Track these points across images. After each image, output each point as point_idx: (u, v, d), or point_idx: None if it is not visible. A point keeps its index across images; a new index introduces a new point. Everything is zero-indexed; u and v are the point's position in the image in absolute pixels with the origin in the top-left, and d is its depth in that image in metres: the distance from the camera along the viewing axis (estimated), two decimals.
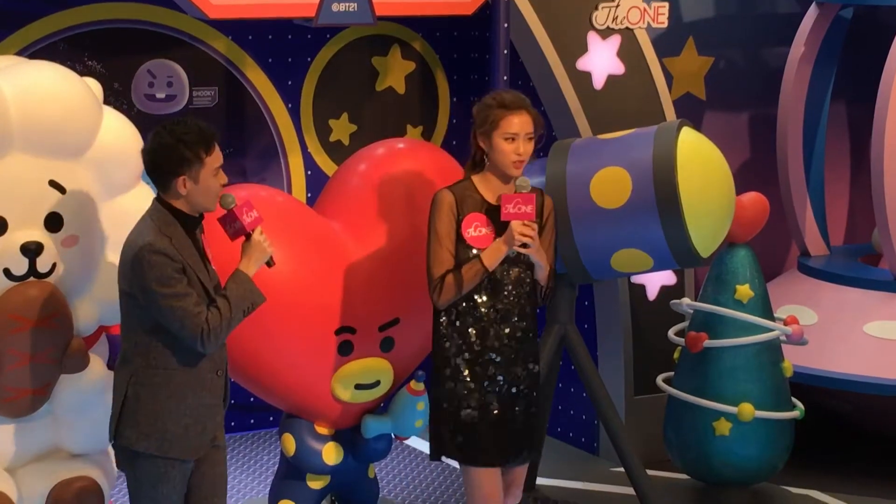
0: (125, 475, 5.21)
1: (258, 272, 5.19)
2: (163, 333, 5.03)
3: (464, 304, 5.58)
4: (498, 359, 5.60)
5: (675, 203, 6.32)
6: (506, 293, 5.59)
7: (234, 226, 5.10)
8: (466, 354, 5.60)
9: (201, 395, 5.12)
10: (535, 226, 5.49)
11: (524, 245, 5.45)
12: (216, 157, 5.00)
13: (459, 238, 5.56)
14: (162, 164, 4.98)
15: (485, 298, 5.58)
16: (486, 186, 5.62)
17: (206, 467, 5.23)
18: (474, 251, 5.53)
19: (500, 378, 5.60)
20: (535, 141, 5.60)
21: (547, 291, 5.70)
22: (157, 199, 5.06)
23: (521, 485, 5.84)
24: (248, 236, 5.13)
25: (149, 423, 5.06)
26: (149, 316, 5.02)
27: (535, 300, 5.68)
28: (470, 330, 5.59)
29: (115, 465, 5.41)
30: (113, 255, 5.61)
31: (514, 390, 5.63)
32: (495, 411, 5.60)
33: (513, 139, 5.53)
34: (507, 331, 5.60)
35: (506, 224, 5.49)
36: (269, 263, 5.20)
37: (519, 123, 5.54)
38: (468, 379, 5.59)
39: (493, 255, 5.52)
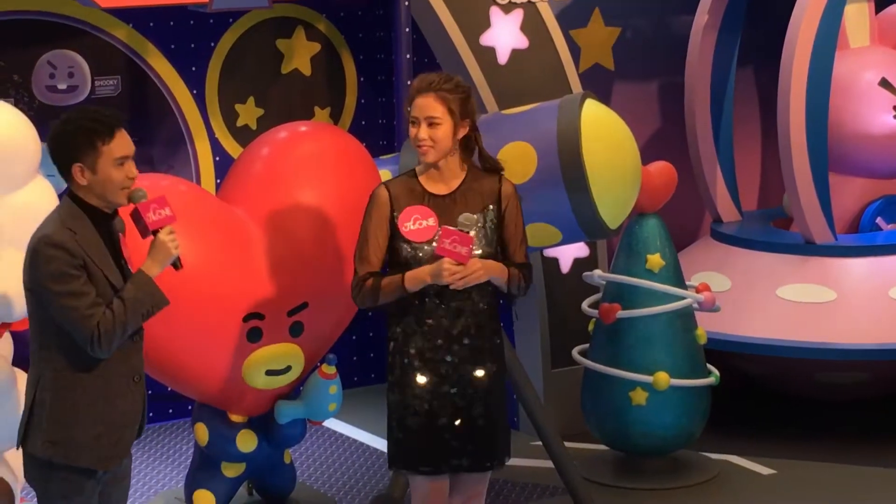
0: (34, 489, 4.87)
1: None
2: (68, 334, 4.71)
3: (414, 303, 5.26)
4: (449, 359, 5.27)
5: (581, 176, 6.31)
6: (456, 290, 5.23)
7: (139, 223, 4.79)
8: (415, 357, 5.27)
9: (115, 402, 4.78)
10: (470, 265, 5.14)
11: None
12: (118, 147, 4.71)
13: (398, 233, 5.25)
14: (58, 151, 4.73)
15: (434, 296, 5.25)
16: (427, 176, 5.33)
17: (111, 487, 4.91)
18: (415, 245, 5.23)
19: (453, 380, 5.27)
20: (470, 125, 5.30)
21: (512, 290, 5.33)
22: (68, 193, 4.78)
23: (481, 498, 5.49)
24: (156, 235, 4.82)
25: (56, 430, 4.71)
26: (51, 315, 4.72)
27: (494, 296, 5.34)
28: (419, 330, 5.27)
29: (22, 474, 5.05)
30: (12, 251, 5.54)
31: (469, 391, 5.29)
32: (445, 416, 5.27)
33: (414, 123, 5.23)
34: (458, 329, 5.27)
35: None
36: (176, 266, 4.86)
37: (419, 106, 5.21)
38: (417, 382, 5.26)
39: (415, 281, 5.21)
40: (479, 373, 5.32)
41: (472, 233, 5.19)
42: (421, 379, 5.29)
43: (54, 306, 4.66)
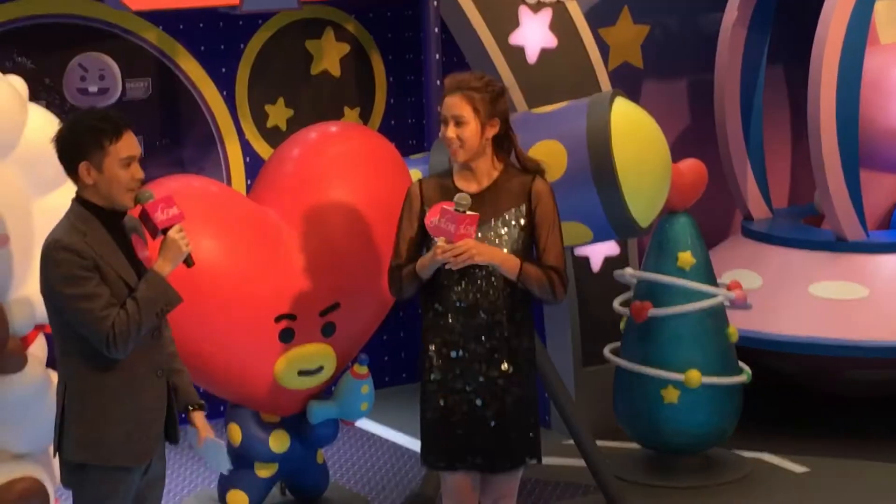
0: (71, 492, 4.89)
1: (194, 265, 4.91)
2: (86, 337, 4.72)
3: (436, 300, 5.28)
4: (465, 356, 5.26)
5: (612, 174, 6.32)
6: (475, 285, 5.25)
7: (149, 223, 4.79)
8: (434, 353, 5.29)
9: (140, 398, 4.81)
10: (464, 244, 5.11)
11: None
12: (125, 147, 4.71)
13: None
14: (64, 150, 4.75)
15: (459, 291, 5.26)
16: (459, 174, 5.33)
17: (146, 490, 4.94)
18: (437, 241, 5.19)
19: (467, 377, 5.26)
20: (501, 122, 5.26)
21: (531, 288, 5.23)
22: (76, 198, 4.79)
23: (510, 499, 5.44)
24: (165, 234, 4.80)
25: (85, 432, 4.75)
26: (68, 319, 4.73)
27: (518, 294, 5.27)
28: (438, 326, 5.27)
29: (59, 478, 5.07)
30: None
31: (484, 390, 5.27)
32: (459, 413, 5.27)
33: (444, 122, 5.24)
34: (475, 327, 5.25)
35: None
36: (188, 263, 4.83)
37: (447, 105, 5.21)
38: (434, 378, 5.29)
39: (423, 266, 5.24)
40: (494, 372, 5.30)
41: (469, 212, 5.15)
42: (436, 375, 5.31)
43: (68, 309, 4.67)
